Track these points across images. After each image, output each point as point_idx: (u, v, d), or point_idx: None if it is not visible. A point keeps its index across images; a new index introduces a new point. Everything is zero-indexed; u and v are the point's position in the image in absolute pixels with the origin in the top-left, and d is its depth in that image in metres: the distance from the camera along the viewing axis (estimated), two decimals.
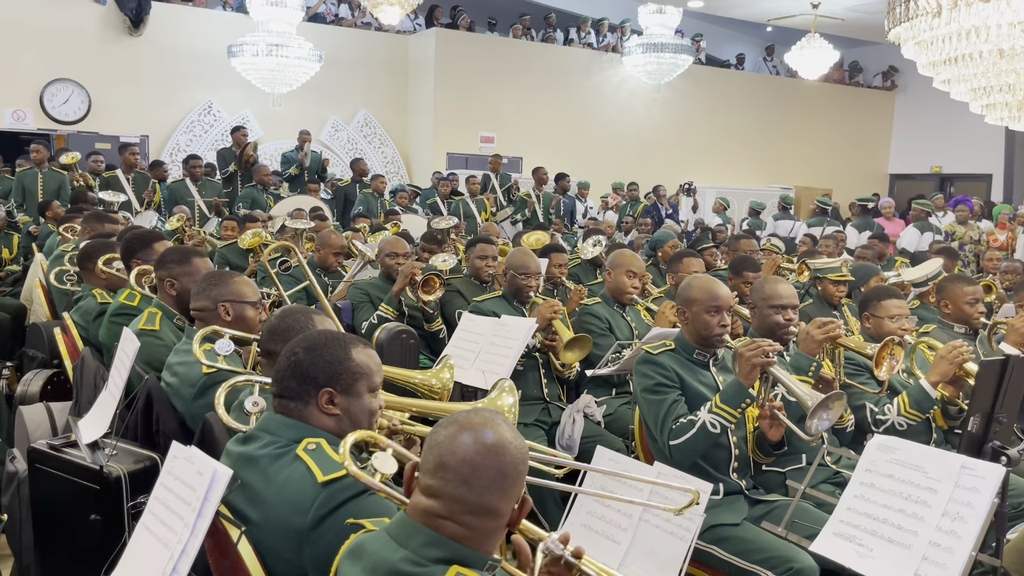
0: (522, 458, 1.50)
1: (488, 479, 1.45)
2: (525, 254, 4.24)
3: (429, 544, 1.44)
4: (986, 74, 5.70)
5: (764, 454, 2.90)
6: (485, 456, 1.46)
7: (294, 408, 1.89)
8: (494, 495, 1.46)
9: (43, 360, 4.11)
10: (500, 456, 1.47)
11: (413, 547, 1.44)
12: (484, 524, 1.47)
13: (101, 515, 2.36)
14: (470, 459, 1.46)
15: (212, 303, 2.80)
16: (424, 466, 1.50)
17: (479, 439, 1.47)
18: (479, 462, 1.46)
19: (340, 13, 13.73)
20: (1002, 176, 15.92)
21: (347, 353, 1.91)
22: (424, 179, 12.74)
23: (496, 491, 1.46)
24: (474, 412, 1.54)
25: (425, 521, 1.46)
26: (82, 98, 11.43)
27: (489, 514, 1.47)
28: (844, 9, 13.26)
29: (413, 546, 1.45)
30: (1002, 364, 2.64)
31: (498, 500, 1.47)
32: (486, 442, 1.47)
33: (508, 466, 1.47)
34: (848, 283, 5.08)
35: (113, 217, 5.96)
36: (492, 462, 1.46)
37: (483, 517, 1.46)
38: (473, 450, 1.46)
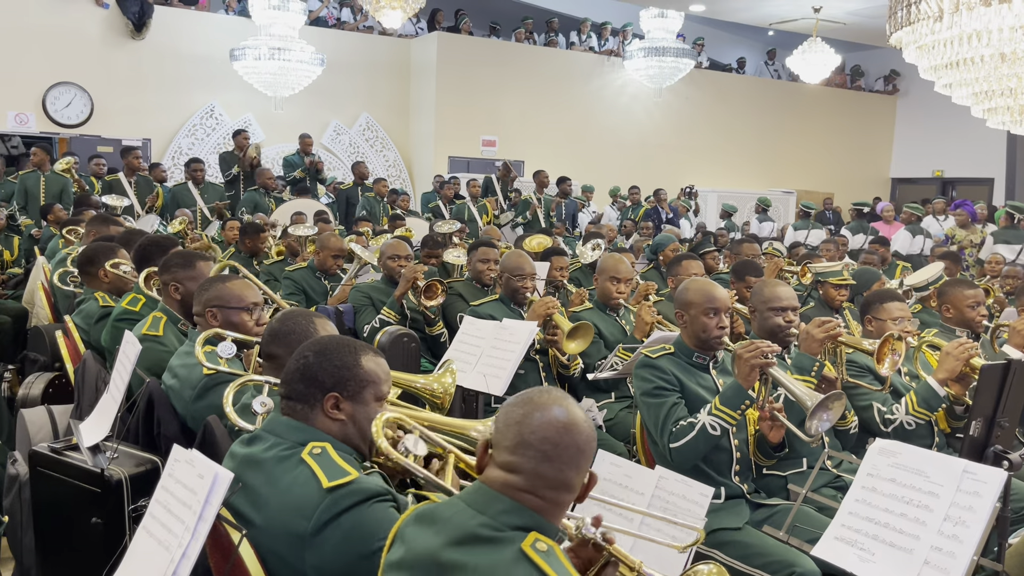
0: (594, 436, 1.60)
1: (568, 456, 1.54)
2: (519, 256, 4.26)
3: (508, 512, 1.51)
4: (988, 78, 5.70)
5: (765, 456, 2.90)
6: (565, 435, 1.54)
7: (300, 411, 1.89)
8: (572, 471, 1.55)
9: (45, 363, 4.11)
10: (578, 434, 1.56)
11: (492, 514, 1.50)
12: (560, 497, 1.55)
13: (102, 518, 2.36)
14: (551, 437, 1.54)
15: (202, 308, 2.81)
16: (501, 443, 1.57)
17: (558, 418, 1.55)
18: (559, 440, 1.54)
19: (342, 17, 13.76)
20: (1004, 180, 15.91)
21: (357, 360, 1.92)
22: (426, 183, 12.75)
23: (574, 467, 1.55)
24: (544, 392, 1.61)
25: (505, 492, 1.53)
26: (84, 101, 11.46)
27: (566, 488, 1.55)
28: (845, 13, 13.28)
29: (492, 513, 1.50)
30: (1004, 369, 2.64)
31: (575, 475, 1.56)
32: (565, 421, 1.55)
33: (585, 444, 1.57)
34: (850, 287, 5.09)
35: (118, 220, 5.97)
36: (571, 440, 1.55)
37: (560, 491, 1.55)
38: (553, 429, 1.54)
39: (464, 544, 1.48)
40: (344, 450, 1.86)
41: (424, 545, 1.53)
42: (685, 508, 2.36)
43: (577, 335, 3.79)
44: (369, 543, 1.72)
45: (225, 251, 7.34)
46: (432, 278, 4.60)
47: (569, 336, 3.78)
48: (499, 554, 1.46)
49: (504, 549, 1.46)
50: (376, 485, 1.78)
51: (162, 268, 3.32)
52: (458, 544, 1.49)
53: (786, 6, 13.15)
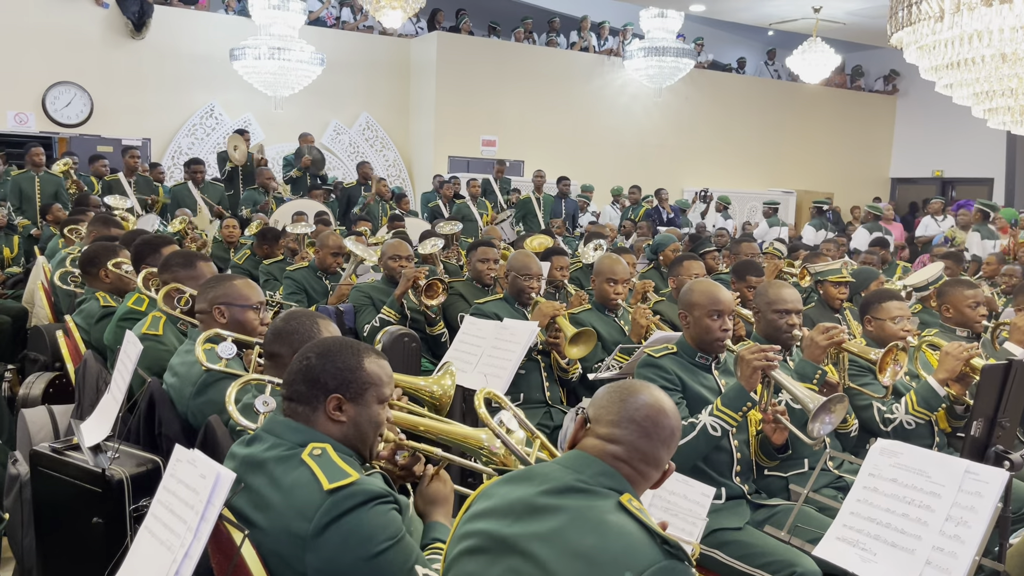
0: (680, 425, 1.79)
1: (664, 435, 1.71)
2: (527, 256, 4.25)
3: (604, 474, 1.63)
4: (988, 78, 5.70)
5: (768, 457, 2.90)
6: (664, 417, 1.71)
7: (302, 412, 1.89)
8: (664, 450, 1.71)
9: (45, 363, 4.11)
10: (672, 418, 1.73)
11: (588, 474, 1.63)
12: (650, 473, 1.70)
13: (103, 518, 2.35)
14: (652, 416, 1.70)
15: (208, 305, 2.81)
16: (604, 417, 1.71)
17: (659, 401, 1.73)
18: (659, 420, 1.70)
19: (342, 16, 13.75)
20: (1003, 180, 15.92)
21: (359, 361, 1.91)
22: (426, 182, 12.76)
23: (666, 447, 1.71)
24: (640, 382, 1.79)
25: (602, 458, 1.66)
26: (84, 101, 11.45)
27: (656, 464, 1.70)
28: (846, 13, 13.28)
29: (588, 473, 1.63)
30: (1005, 369, 2.64)
31: (665, 455, 1.72)
32: (664, 406, 1.72)
33: (677, 428, 1.75)
34: (849, 286, 5.08)
35: (119, 221, 5.97)
36: (668, 422, 1.72)
37: (652, 466, 1.70)
38: (655, 410, 1.71)
39: (561, 493, 1.60)
40: (345, 452, 1.85)
41: (517, 494, 1.65)
42: (686, 508, 2.36)
43: (580, 341, 3.78)
44: (370, 545, 1.72)
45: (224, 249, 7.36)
46: (433, 277, 4.60)
47: (572, 341, 3.77)
48: (597, 501, 1.58)
49: (602, 499, 1.59)
50: (377, 487, 1.77)
51: (162, 267, 3.32)
52: (555, 493, 1.61)
53: (786, 6, 13.15)
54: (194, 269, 3.27)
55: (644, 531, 1.52)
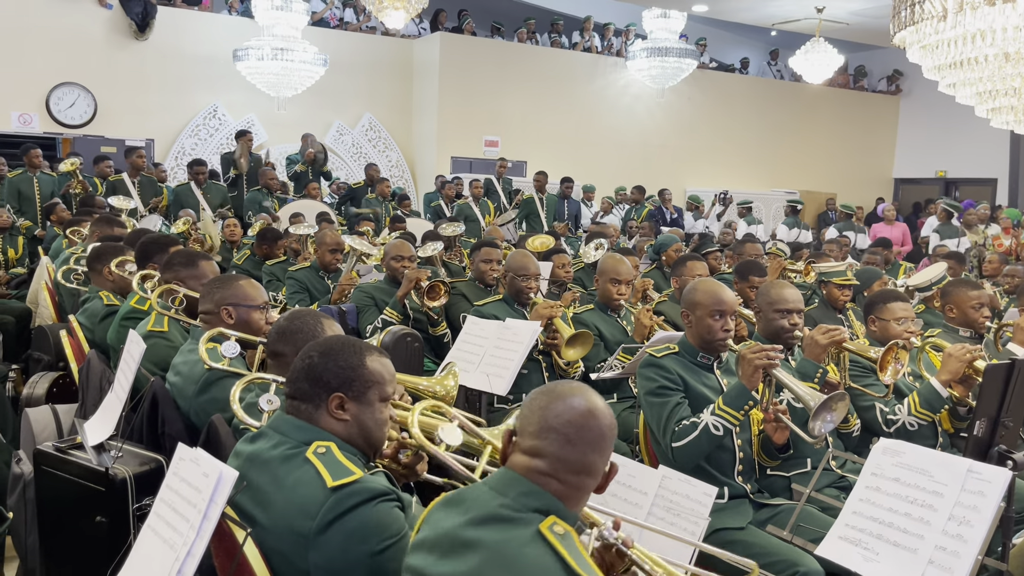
0: (615, 424, 1.66)
1: (590, 440, 1.60)
2: (524, 256, 4.25)
3: (528, 494, 1.55)
4: (992, 78, 5.69)
5: (770, 457, 2.90)
6: (587, 418, 1.60)
7: (304, 410, 1.89)
8: (594, 454, 1.60)
9: (49, 362, 4.12)
10: (600, 418, 1.62)
11: (512, 496, 1.55)
12: (582, 482, 1.60)
13: (106, 517, 2.36)
14: (574, 421, 1.59)
15: (215, 306, 2.81)
16: (526, 429, 1.62)
17: (581, 404, 1.61)
18: (582, 423, 1.60)
19: (345, 17, 13.76)
20: (1007, 180, 15.89)
21: (362, 360, 1.92)
22: (428, 183, 12.76)
23: (597, 451, 1.60)
24: (566, 383, 1.68)
25: (527, 475, 1.58)
26: (88, 102, 11.47)
27: (588, 472, 1.60)
28: (849, 13, 13.26)
29: (512, 495, 1.55)
30: (1008, 368, 2.63)
31: (598, 459, 1.61)
32: (587, 407, 1.62)
33: (607, 429, 1.63)
34: (852, 287, 5.08)
35: (122, 221, 5.99)
36: (594, 424, 1.61)
37: (582, 475, 1.59)
38: (576, 413, 1.60)
39: (483, 523, 1.53)
40: (348, 450, 1.86)
41: (447, 524, 1.58)
42: (689, 508, 2.36)
43: (577, 342, 3.78)
44: (373, 543, 1.72)
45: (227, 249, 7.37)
46: (435, 279, 4.61)
47: (569, 343, 3.76)
48: (515, 532, 1.50)
49: (521, 528, 1.51)
50: (380, 485, 1.78)
51: (164, 267, 3.33)
52: (478, 523, 1.54)
53: (789, 6, 13.14)
54: (196, 268, 3.27)
55: (560, 566, 1.45)
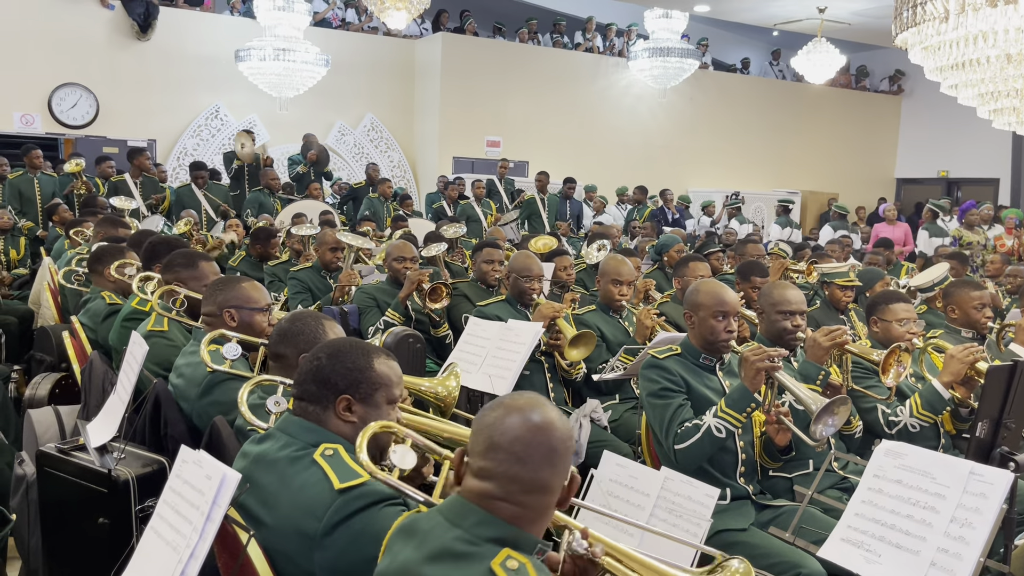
0: (569, 434, 1.54)
1: (540, 456, 1.48)
2: (528, 257, 4.25)
3: (482, 524, 1.46)
4: (993, 79, 5.68)
5: (772, 459, 2.90)
6: (536, 433, 1.49)
7: (312, 412, 1.90)
8: (547, 471, 1.49)
9: (51, 364, 4.13)
10: (549, 432, 1.50)
11: (466, 527, 1.46)
12: (538, 501, 1.50)
13: (109, 519, 2.37)
14: (522, 437, 1.48)
15: (218, 308, 2.81)
16: (474, 449, 1.52)
17: (528, 418, 1.50)
18: (530, 439, 1.48)
19: (347, 18, 13.77)
20: (1009, 180, 15.87)
21: (369, 362, 1.92)
22: (430, 183, 12.76)
23: (549, 467, 1.49)
24: (518, 395, 1.57)
25: (479, 503, 1.48)
26: (90, 102, 11.48)
27: (543, 491, 1.49)
28: (851, 14, 13.25)
29: (466, 525, 1.46)
30: (1010, 370, 2.63)
31: (551, 475, 1.50)
32: (535, 420, 1.50)
33: (558, 442, 1.50)
34: (855, 288, 5.08)
35: (126, 222, 5.99)
36: (543, 439, 1.49)
37: (537, 494, 1.49)
38: (524, 429, 1.49)
39: (440, 559, 1.45)
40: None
41: (404, 558, 1.50)
42: (691, 509, 2.36)
43: (580, 343, 3.77)
44: (378, 546, 1.72)
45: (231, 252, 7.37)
46: (437, 281, 4.61)
47: (572, 343, 3.76)
48: (470, 569, 1.42)
49: (474, 565, 1.42)
50: (384, 490, 1.78)
51: (165, 267, 3.33)
52: (434, 559, 1.45)
53: (791, 6, 13.13)
54: (196, 269, 3.28)
55: None
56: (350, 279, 5.10)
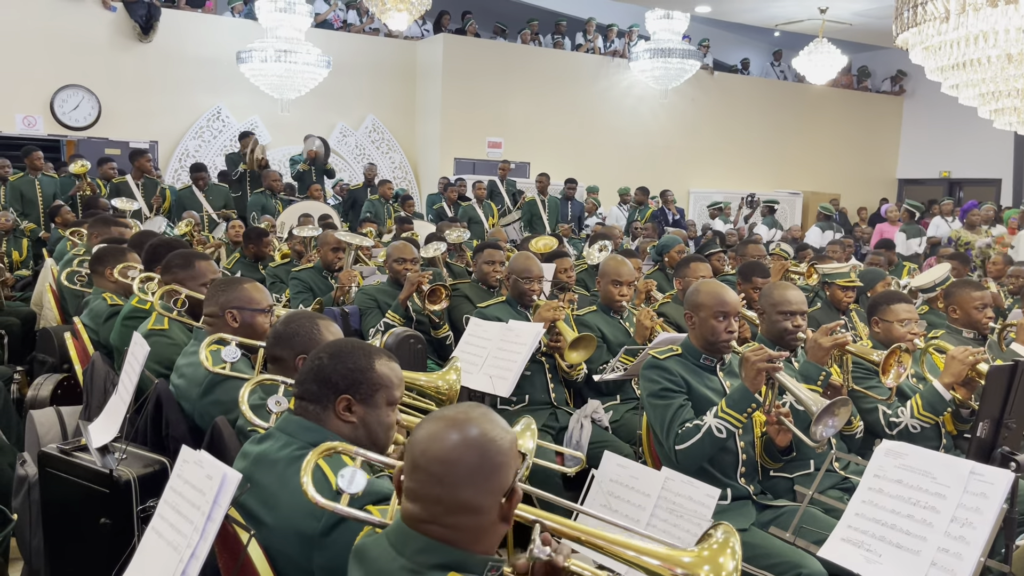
0: (499, 448, 1.43)
1: (460, 475, 1.40)
2: (527, 258, 4.25)
3: (424, 551, 1.40)
4: (994, 79, 5.69)
5: (772, 459, 2.90)
6: (454, 451, 1.41)
7: (312, 411, 1.91)
8: (468, 491, 1.40)
9: (53, 364, 4.13)
10: (470, 449, 1.41)
11: (409, 554, 1.41)
12: (467, 522, 1.41)
13: (111, 519, 2.37)
14: (441, 457, 1.40)
15: (219, 309, 2.81)
16: (405, 468, 1.46)
17: (447, 436, 1.42)
18: (446, 458, 1.40)
19: (348, 19, 13.78)
20: (1011, 181, 15.86)
21: (371, 363, 1.93)
22: (432, 184, 12.77)
23: (470, 486, 1.40)
24: (451, 407, 1.50)
25: (414, 526, 1.43)
26: (92, 104, 11.50)
27: (469, 511, 1.41)
28: (852, 14, 13.25)
29: (409, 553, 1.42)
30: (1011, 370, 2.63)
31: (473, 495, 1.40)
32: (453, 439, 1.41)
33: (481, 459, 1.41)
34: (856, 288, 5.08)
35: (120, 220, 5.99)
36: (463, 456, 1.40)
37: (464, 515, 1.41)
38: (441, 447, 1.41)
39: None
40: None
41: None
42: (691, 509, 2.36)
43: (580, 345, 3.76)
44: None
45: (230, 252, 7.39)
46: (436, 283, 4.61)
47: (572, 346, 3.75)
48: None
49: None
50: (386, 488, 1.78)
51: (164, 269, 3.34)
52: None
53: (792, 7, 13.13)
54: (193, 269, 3.29)
55: None
56: (350, 278, 5.11)
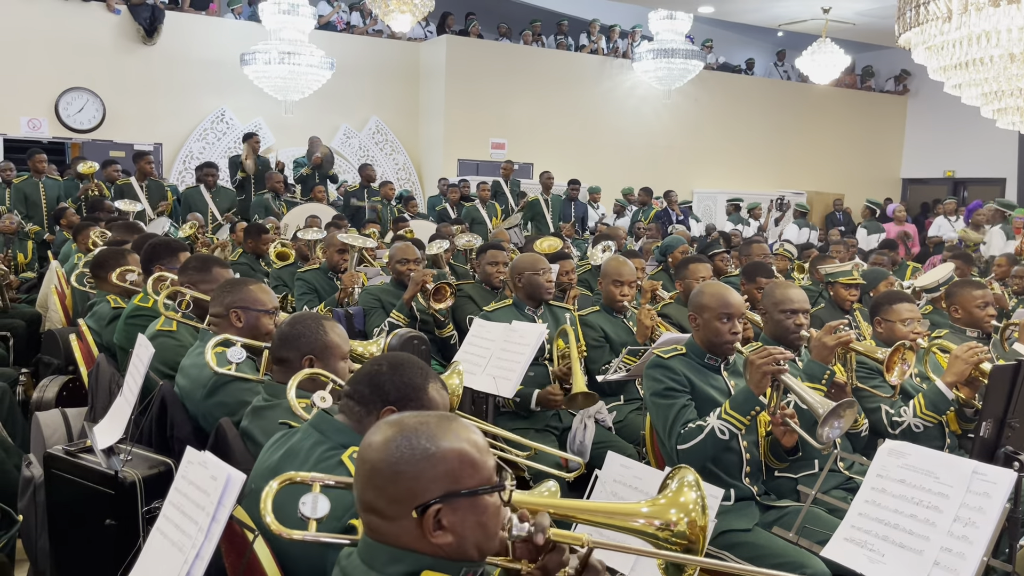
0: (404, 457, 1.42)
1: (362, 474, 1.45)
2: (533, 255, 4.27)
3: (394, 561, 1.42)
4: (997, 79, 5.68)
5: (778, 459, 2.89)
6: (365, 450, 1.46)
7: (356, 412, 1.93)
8: (369, 492, 1.43)
9: (59, 366, 4.15)
10: (376, 450, 1.44)
11: (379, 566, 1.43)
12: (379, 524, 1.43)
13: (116, 520, 2.38)
14: (360, 455, 1.47)
15: (225, 309, 2.83)
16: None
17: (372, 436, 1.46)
18: (361, 456, 1.46)
19: (352, 21, 13.81)
20: (1016, 180, 15.82)
21: (425, 384, 1.95)
22: (435, 186, 12.79)
23: (371, 488, 1.43)
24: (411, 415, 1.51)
25: (379, 539, 1.45)
26: (96, 107, 11.54)
27: (372, 511, 1.43)
28: (855, 14, 13.23)
29: (379, 565, 1.43)
30: (1015, 369, 2.63)
31: (374, 498, 1.43)
32: (374, 438, 1.46)
33: (383, 462, 1.42)
34: (859, 287, 5.08)
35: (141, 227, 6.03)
36: (367, 455, 1.45)
37: (369, 515, 1.44)
38: (363, 445, 1.47)
39: None
40: None
41: None
42: None
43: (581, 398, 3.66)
44: None
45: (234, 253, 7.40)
46: (441, 281, 4.62)
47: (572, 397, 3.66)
48: None
49: None
50: None
51: (180, 272, 3.36)
52: None
53: (795, 7, 13.12)
54: (209, 273, 3.30)
55: None
56: (352, 280, 5.12)
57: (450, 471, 1.42)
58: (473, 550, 1.44)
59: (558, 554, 1.51)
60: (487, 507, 1.45)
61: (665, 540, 1.60)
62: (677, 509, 1.60)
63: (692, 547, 1.60)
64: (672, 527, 1.60)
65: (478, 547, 1.45)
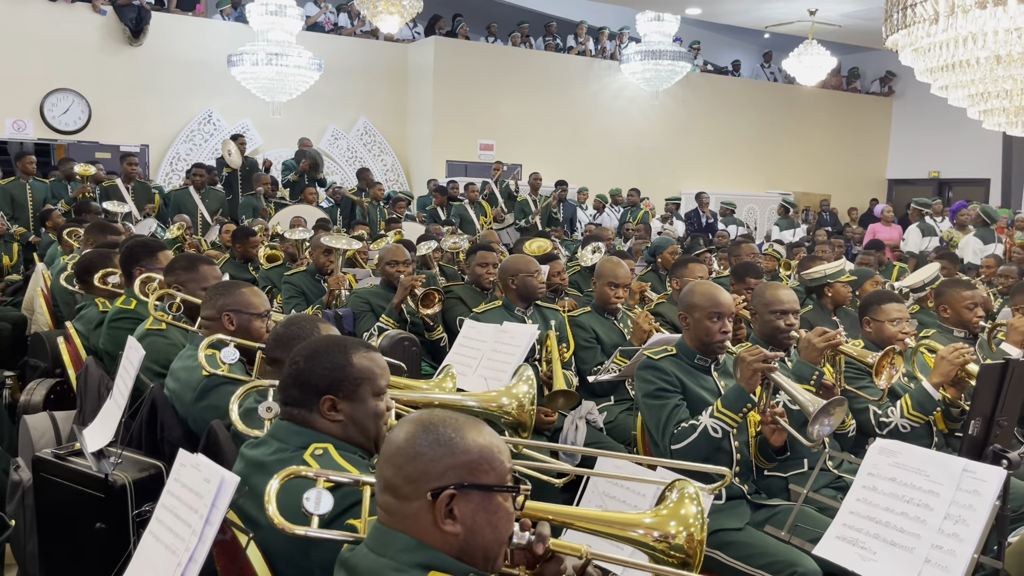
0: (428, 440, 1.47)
1: (387, 452, 1.49)
2: (523, 255, 4.26)
3: (406, 549, 1.43)
4: (983, 80, 5.73)
5: (767, 459, 2.91)
6: (392, 432, 1.51)
7: (299, 415, 1.90)
8: (388, 470, 1.47)
9: (46, 369, 4.11)
10: (401, 430, 1.49)
11: (391, 554, 1.44)
12: (394, 504, 1.46)
13: (106, 523, 2.36)
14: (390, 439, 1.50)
15: (217, 312, 2.81)
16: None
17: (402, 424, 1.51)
18: (388, 437, 1.51)
19: (339, 22, 13.78)
20: (1000, 181, 15.96)
21: (348, 359, 1.92)
22: (424, 187, 12.78)
23: (391, 467, 1.47)
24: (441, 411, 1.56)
25: (392, 526, 1.47)
26: (82, 108, 11.46)
27: (387, 490, 1.47)
28: (841, 16, 13.31)
29: (391, 552, 1.44)
30: (1002, 368, 2.65)
31: (392, 475, 1.46)
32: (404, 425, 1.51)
33: (406, 441, 1.47)
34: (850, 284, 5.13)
35: (116, 228, 5.98)
36: (394, 435, 1.49)
37: (385, 494, 1.47)
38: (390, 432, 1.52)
39: None
40: (347, 449, 1.87)
41: None
42: None
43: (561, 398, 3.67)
44: None
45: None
46: (429, 286, 4.61)
47: (552, 396, 3.67)
48: None
49: None
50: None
51: (166, 271, 3.34)
52: None
53: (782, 8, 13.19)
54: (196, 272, 3.28)
55: None
56: (339, 283, 5.10)
57: (470, 463, 1.45)
58: (479, 551, 1.45)
59: (556, 563, 1.53)
60: (499, 508, 1.47)
61: (663, 552, 1.61)
62: (677, 522, 1.61)
63: (688, 561, 1.61)
64: (670, 539, 1.61)
65: (484, 550, 1.46)
